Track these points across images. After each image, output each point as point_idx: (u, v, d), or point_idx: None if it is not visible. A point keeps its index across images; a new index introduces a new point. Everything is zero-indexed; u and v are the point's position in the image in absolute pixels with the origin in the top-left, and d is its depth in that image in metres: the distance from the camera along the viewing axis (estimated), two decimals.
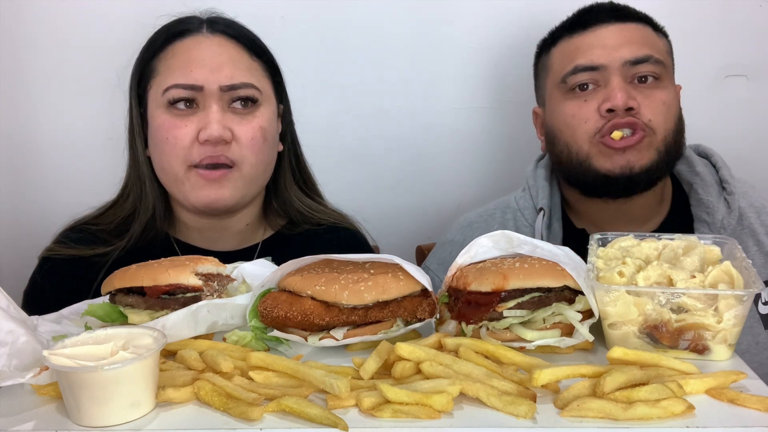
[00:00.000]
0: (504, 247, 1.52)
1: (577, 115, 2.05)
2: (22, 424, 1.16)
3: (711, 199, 2.06)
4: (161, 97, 1.92)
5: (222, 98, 1.91)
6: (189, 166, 1.90)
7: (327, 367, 1.27)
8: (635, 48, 2.02)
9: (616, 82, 2.00)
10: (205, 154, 1.89)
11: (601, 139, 2.00)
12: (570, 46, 2.10)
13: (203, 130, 1.88)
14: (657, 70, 2.03)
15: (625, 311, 1.32)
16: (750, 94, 2.59)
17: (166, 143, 1.91)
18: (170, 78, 1.91)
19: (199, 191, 1.92)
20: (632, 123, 1.98)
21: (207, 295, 1.50)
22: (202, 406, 1.19)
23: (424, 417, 1.12)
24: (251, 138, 1.93)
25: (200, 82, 1.89)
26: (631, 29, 2.06)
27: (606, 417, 1.12)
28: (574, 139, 2.06)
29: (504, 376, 1.22)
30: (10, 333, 1.28)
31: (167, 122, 1.91)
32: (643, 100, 2.00)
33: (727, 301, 1.29)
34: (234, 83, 1.92)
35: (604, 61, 2.02)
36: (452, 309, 1.44)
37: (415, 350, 1.24)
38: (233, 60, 1.96)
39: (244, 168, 1.94)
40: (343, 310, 1.37)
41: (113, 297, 1.52)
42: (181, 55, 1.94)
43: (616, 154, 1.99)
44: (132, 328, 1.27)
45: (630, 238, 1.52)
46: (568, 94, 2.08)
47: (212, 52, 1.94)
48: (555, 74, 2.13)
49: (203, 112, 1.90)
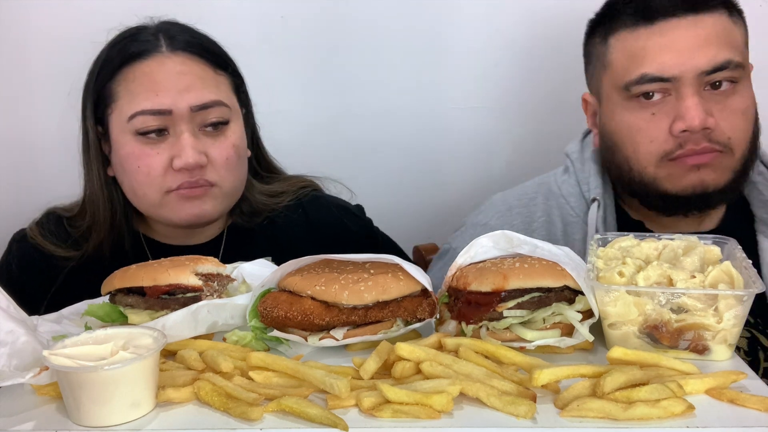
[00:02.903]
0: (504, 247, 1.52)
1: (643, 130, 1.84)
2: (22, 424, 1.16)
3: None
4: (126, 123, 1.84)
5: (192, 120, 1.85)
6: (166, 192, 1.86)
7: (327, 367, 1.27)
8: (712, 52, 1.78)
9: (691, 97, 1.78)
10: (183, 180, 1.84)
11: (672, 161, 1.83)
12: (634, 44, 1.84)
13: (177, 157, 1.82)
14: (736, 75, 1.81)
15: (625, 311, 1.32)
16: None
17: (137, 172, 1.85)
18: (134, 104, 1.83)
19: (180, 211, 1.88)
20: (709, 150, 1.80)
21: (207, 295, 1.50)
22: (202, 406, 1.19)
23: (424, 417, 1.12)
24: (226, 159, 1.89)
25: (167, 106, 1.81)
26: (707, 24, 1.80)
27: (606, 417, 1.12)
28: (636, 158, 1.87)
29: (504, 376, 1.22)
30: (10, 333, 1.29)
31: (137, 151, 1.84)
32: (719, 113, 1.80)
33: (727, 301, 1.29)
34: (204, 102, 1.85)
35: (676, 72, 1.78)
36: (452, 309, 1.44)
37: (415, 350, 1.24)
38: (199, 78, 1.88)
39: (224, 186, 1.91)
40: (343, 310, 1.37)
41: (113, 297, 1.52)
42: (143, 78, 1.85)
43: (690, 172, 1.82)
44: (132, 328, 1.27)
45: (630, 238, 1.52)
46: (630, 101, 1.86)
47: (176, 73, 1.85)
48: (615, 75, 1.89)
49: (174, 138, 1.84)
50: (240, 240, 2.04)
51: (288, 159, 2.27)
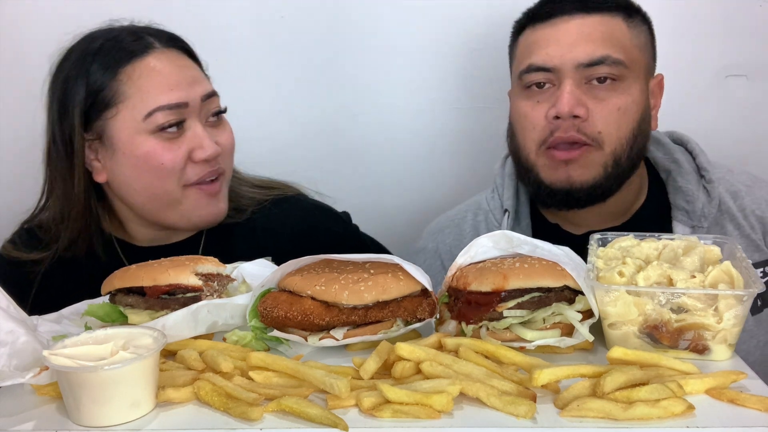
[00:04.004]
0: (504, 247, 1.52)
1: (528, 116, 1.97)
2: (22, 424, 1.16)
3: (690, 187, 2.00)
4: (142, 122, 1.82)
5: (201, 112, 1.89)
6: (185, 185, 1.88)
7: (327, 367, 1.27)
8: (591, 47, 1.89)
9: (566, 86, 1.89)
10: (204, 171, 1.88)
11: (547, 150, 1.94)
12: (530, 39, 1.99)
13: (198, 149, 1.86)
14: (616, 72, 1.90)
15: (625, 311, 1.32)
16: (750, 94, 2.59)
17: (161, 169, 1.84)
18: (150, 100, 1.82)
19: (201, 209, 1.91)
20: (575, 139, 1.90)
21: (207, 295, 1.50)
22: (202, 406, 1.19)
23: (424, 417, 1.12)
24: (231, 144, 1.96)
25: (184, 99, 1.84)
26: (594, 23, 1.92)
27: (606, 417, 1.12)
28: (524, 143, 2.00)
29: (504, 376, 1.23)
30: (10, 333, 1.29)
31: (158, 148, 1.83)
32: (595, 106, 1.90)
33: (727, 301, 1.29)
34: (209, 92, 1.91)
35: (556, 62, 1.91)
36: (452, 309, 1.44)
37: (415, 350, 1.24)
38: (197, 70, 1.94)
39: (227, 174, 1.97)
40: (343, 310, 1.37)
41: (113, 297, 1.53)
42: (151, 74, 1.84)
43: (559, 166, 1.93)
44: (132, 328, 1.27)
45: (630, 238, 1.52)
46: (524, 90, 1.99)
47: (177, 67, 1.89)
48: (516, 67, 2.04)
49: (190, 131, 1.87)
50: (218, 238, 2.02)
51: (288, 159, 2.27)
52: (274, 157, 2.55)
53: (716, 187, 2.00)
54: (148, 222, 1.97)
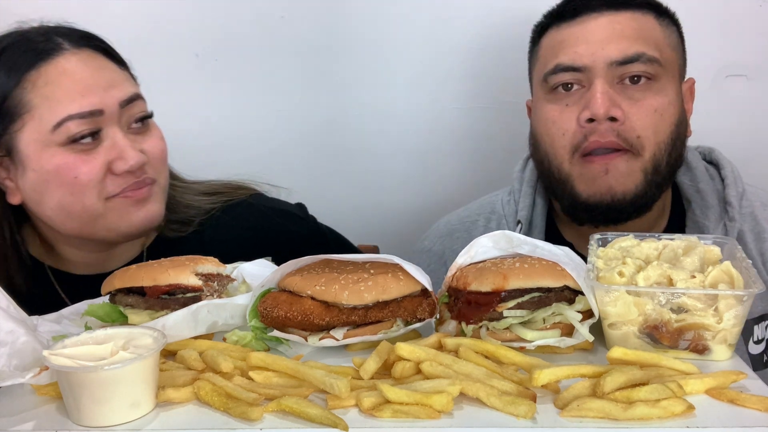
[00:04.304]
0: (504, 247, 1.52)
1: (557, 121, 1.83)
2: (22, 424, 1.16)
3: (708, 224, 1.87)
4: (51, 134, 1.64)
5: (121, 119, 1.72)
6: (106, 198, 1.72)
7: (327, 367, 1.27)
8: (625, 44, 1.78)
9: (599, 85, 1.77)
10: (127, 183, 1.72)
11: (582, 158, 1.81)
12: (556, 38, 1.87)
13: (119, 160, 1.69)
14: (651, 70, 1.79)
15: (625, 311, 1.32)
16: (750, 94, 2.59)
17: (75, 183, 1.67)
18: (59, 109, 1.64)
19: (129, 217, 1.75)
20: (614, 145, 1.78)
21: (207, 295, 1.50)
22: (202, 406, 1.19)
23: (424, 417, 1.12)
24: (160, 151, 1.79)
25: (98, 106, 1.66)
26: (625, 20, 1.81)
27: (606, 417, 1.12)
28: (554, 152, 1.86)
29: (504, 376, 1.22)
30: (10, 333, 1.29)
31: (70, 161, 1.65)
32: (630, 108, 1.78)
33: (727, 301, 1.29)
34: (130, 95, 1.73)
35: (587, 61, 1.79)
36: (452, 309, 1.44)
37: (415, 350, 1.24)
38: (115, 72, 1.75)
39: (161, 182, 1.81)
40: (343, 310, 1.37)
41: (113, 297, 1.52)
42: (60, 79, 1.65)
43: (599, 176, 1.79)
44: (132, 328, 1.27)
45: (630, 238, 1.52)
46: (550, 93, 1.87)
47: (91, 69, 1.70)
48: (539, 69, 1.91)
49: (107, 140, 1.69)
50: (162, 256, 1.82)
51: (288, 159, 2.27)
52: (273, 157, 2.55)
53: (736, 226, 1.86)
54: (78, 242, 1.81)
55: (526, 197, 2.01)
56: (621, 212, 1.83)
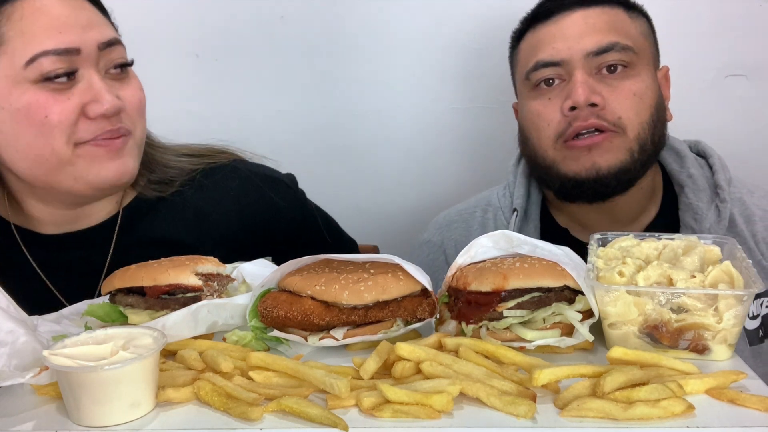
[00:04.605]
0: (504, 247, 1.52)
1: (542, 114, 1.94)
2: (22, 424, 1.16)
3: (701, 205, 1.97)
4: (23, 70, 1.57)
5: (99, 61, 1.65)
6: (76, 144, 1.63)
7: (327, 367, 1.27)
8: (598, 36, 1.89)
9: (579, 76, 1.88)
10: (101, 130, 1.63)
11: (564, 144, 1.92)
12: (533, 39, 1.98)
13: (93, 103, 1.61)
14: (626, 58, 1.90)
15: (625, 311, 1.32)
16: (750, 94, 2.59)
17: (44, 123, 1.59)
18: (33, 44, 1.57)
19: (99, 167, 1.65)
20: (596, 125, 1.87)
21: (207, 295, 1.50)
22: (202, 406, 1.19)
23: (424, 417, 1.12)
24: (139, 101, 1.71)
25: (75, 44, 1.59)
26: (596, 15, 1.93)
27: (606, 417, 1.12)
28: (539, 143, 1.97)
29: (504, 376, 1.22)
30: (10, 333, 1.28)
31: (41, 99, 1.58)
32: (610, 94, 1.88)
33: (727, 301, 1.29)
34: (110, 39, 1.65)
35: (565, 55, 1.90)
36: (452, 309, 1.44)
37: (415, 350, 1.24)
38: (96, 15, 1.68)
39: (137, 135, 1.72)
40: (343, 310, 1.37)
41: (113, 297, 1.52)
42: (36, 14, 1.58)
43: (582, 154, 1.90)
44: (132, 328, 1.27)
45: (630, 238, 1.52)
46: (533, 91, 1.98)
47: (71, 8, 1.62)
48: (521, 69, 2.03)
49: (83, 82, 1.62)
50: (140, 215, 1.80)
51: (288, 159, 2.26)
52: (273, 157, 2.55)
53: (728, 207, 1.95)
54: (45, 194, 1.73)
55: (520, 187, 2.13)
56: (607, 186, 1.92)
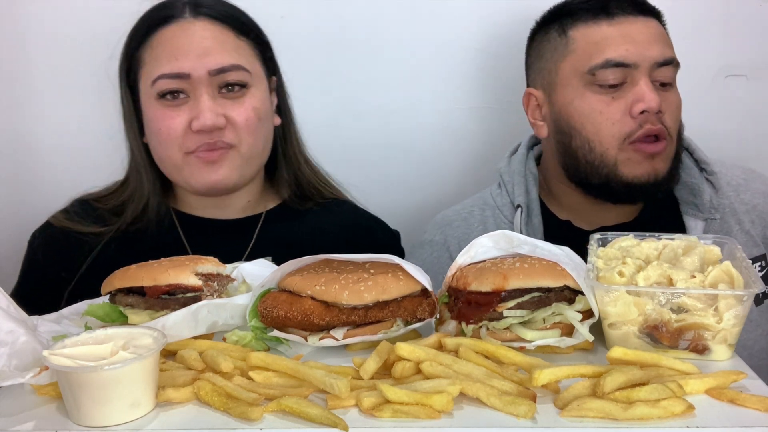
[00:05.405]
0: (504, 247, 1.52)
1: (604, 112, 1.98)
2: (22, 424, 1.16)
3: (695, 181, 2.07)
4: (150, 88, 1.92)
5: (211, 84, 1.91)
6: (186, 153, 1.92)
7: (327, 367, 1.27)
8: (662, 48, 1.98)
9: (646, 82, 1.95)
10: (201, 142, 1.90)
11: (632, 145, 1.96)
12: (597, 34, 2.00)
13: (195, 119, 1.89)
14: (674, 73, 2.01)
15: (625, 311, 1.32)
16: (750, 94, 2.59)
17: (159, 134, 1.93)
18: (157, 68, 1.91)
19: (198, 175, 1.93)
20: (661, 132, 1.95)
21: (207, 295, 1.50)
22: (202, 406, 1.19)
23: (424, 417, 1.12)
24: (245, 119, 1.94)
25: (186, 70, 1.89)
26: (654, 26, 2.01)
27: (606, 417, 1.12)
28: (599, 139, 1.99)
29: (504, 376, 1.23)
30: (10, 333, 1.29)
31: (159, 113, 1.92)
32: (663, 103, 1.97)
33: (727, 301, 1.29)
34: (222, 66, 1.91)
35: (636, 59, 1.95)
36: (452, 309, 1.44)
37: (415, 350, 1.24)
38: (219, 42, 1.94)
39: (242, 148, 1.95)
40: (343, 310, 1.37)
41: (113, 297, 1.52)
42: (165, 43, 1.93)
43: (645, 161, 1.96)
44: (132, 328, 1.27)
45: (630, 238, 1.52)
46: (592, 86, 2.00)
47: (198, 37, 1.92)
48: (579, 61, 2.02)
49: (194, 101, 1.91)
50: (277, 221, 2.09)
51: None
52: None
53: (719, 178, 2.06)
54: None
55: (519, 185, 2.17)
56: (659, 191, 2.02)
